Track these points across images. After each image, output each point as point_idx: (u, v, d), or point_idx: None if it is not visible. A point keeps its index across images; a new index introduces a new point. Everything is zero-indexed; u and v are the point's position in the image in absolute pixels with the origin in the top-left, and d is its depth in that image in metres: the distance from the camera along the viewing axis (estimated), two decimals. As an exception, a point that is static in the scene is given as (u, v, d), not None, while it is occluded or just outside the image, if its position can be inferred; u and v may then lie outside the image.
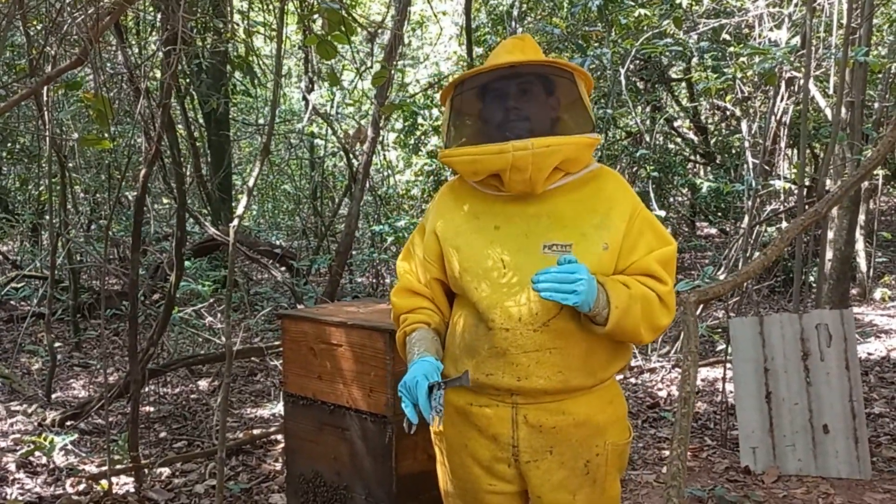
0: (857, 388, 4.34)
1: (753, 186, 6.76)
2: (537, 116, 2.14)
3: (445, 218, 2.24)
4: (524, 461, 2.16)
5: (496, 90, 2.15)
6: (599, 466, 2.19)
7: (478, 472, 2.21)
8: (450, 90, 2.22)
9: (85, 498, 4.13)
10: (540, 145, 2.04)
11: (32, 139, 8.87)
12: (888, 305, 8.62)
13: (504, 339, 2.08)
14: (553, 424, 2.13)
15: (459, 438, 2.23)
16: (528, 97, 2.14)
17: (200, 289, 6.63)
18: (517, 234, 2.13)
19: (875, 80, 9.61)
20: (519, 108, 2.13)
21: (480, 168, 2.11)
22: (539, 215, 2.14)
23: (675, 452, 2.89)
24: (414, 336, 2.20)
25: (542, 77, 2.16)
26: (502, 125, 2.12)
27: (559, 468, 2.15)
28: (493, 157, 2.06)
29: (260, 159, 3.67)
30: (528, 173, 2.06)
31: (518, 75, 2.14)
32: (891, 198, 15.16)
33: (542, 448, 2.14)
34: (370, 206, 9.60)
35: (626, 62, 7.30)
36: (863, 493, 4.08)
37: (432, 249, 2.25)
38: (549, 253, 2.09)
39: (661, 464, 4.57)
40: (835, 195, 3.17)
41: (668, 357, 6.70)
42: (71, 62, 3.26)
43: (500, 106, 2.14)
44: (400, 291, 2.30)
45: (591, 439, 2.17)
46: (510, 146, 2.03)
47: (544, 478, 2.16)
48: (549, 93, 2.17)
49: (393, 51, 6.12)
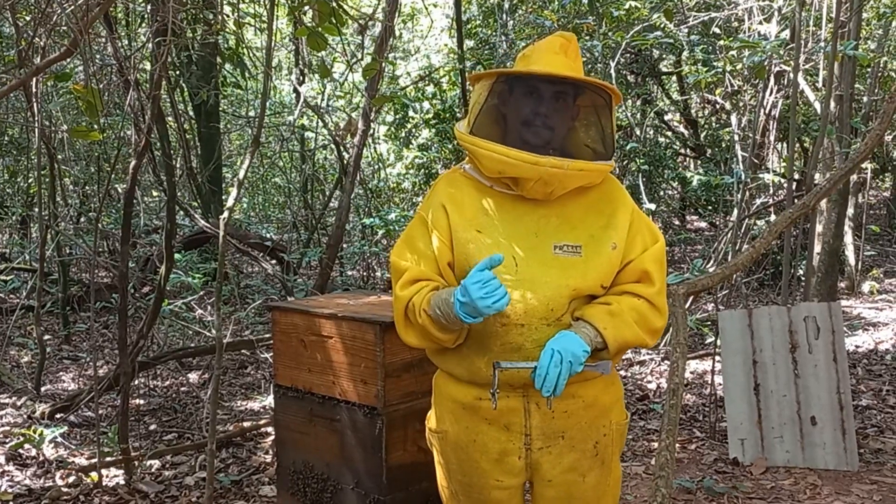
0: (845, 381, 4.37)
1: (743, 179, 6.78)
2: (560, 129, 2.13)
3: (453, 210, 2.17)
4: (536, 448, 2.17)
5: (530, 90, 2.11)
6: (607, 446, 2.24)
7: (486, 468, 2.20)
8: (491, 76, 2.17)
9: (75, 490, 4.13)
10: (574, 168, 2.04)
11: (21, 131, 8.83)
12: (876, 298, 8.67)
13: (520, 335, 2.08)
14: (565, 409, 2.16)
15: (467, 435, 2.21)
16: (558, 107, 2.11)
17: (191, 281, 6.61)
18: (527, 233, 2.13)
19: (864, 75, 9.65)
20: (547, 117, 2.10)
21: (508, 171, 2.07)
22: (549, 216, 2.14)
23: (664, 443, 2.91)
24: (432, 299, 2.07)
25: (580, 90, 2.14)
26: (524, 127, 2.10)
27: (570, 451, 2.18)
28: (527, 166, 2.02)
29: (250, 151, 3.67)
30: (552, 188, 2.07)
31: (566, 87, 2.11)
32: (879, 192, 15.23)
33: (555, 434, 2.17)
34: (361, 199, 9.59)
35: (617, 55, 7.31)
36: (850, 484, 4.11)
37: (444, 229, 2.15)
38: (560, 253, 2.10)
39: (650, 455, 4.59)
40: (823, 188, 3.19)
41: (658, 350, 6.72)
42: (60, 53, 3.24)
43: (529, 108, 2.10)
44: (406, 284, 2.14)
45: (599, 419, 2.22)
46: (546, 161, 2.02)
47: (555, 462, 2.18)
48: (592, 113, 2.16)
49: (384, 43, 6.11)
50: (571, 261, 2.10)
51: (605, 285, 2.15)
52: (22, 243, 10.62)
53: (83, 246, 7.66)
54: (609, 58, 7.33)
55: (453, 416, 2.23)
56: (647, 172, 9.93)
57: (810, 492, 4.04)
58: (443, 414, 2.27)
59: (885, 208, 13.37)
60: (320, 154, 11.49)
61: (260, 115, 3.73)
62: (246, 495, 4.12)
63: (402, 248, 2.21)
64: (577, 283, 2.09)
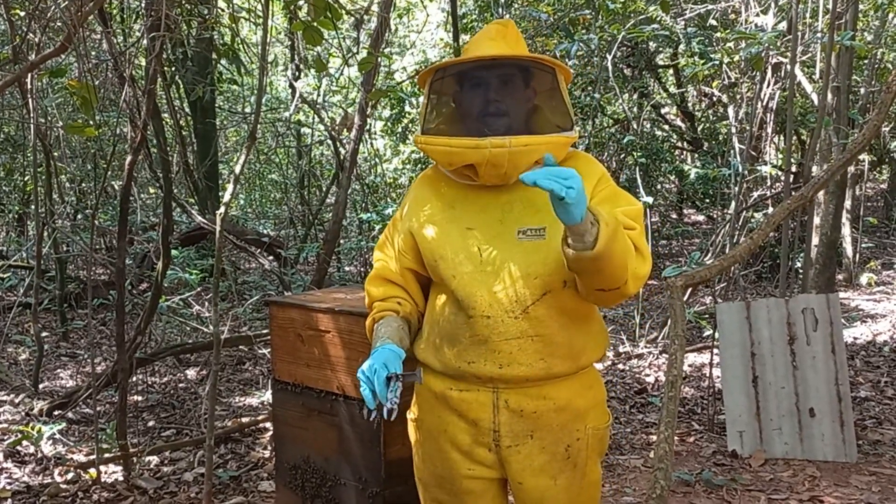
0: (843, 372, 4.37)
1: (740, 172, 6.78)
2: (516, 112, 2.12)
3: (420, 207, 2.24)
4: (505, 446, 2.16)
5: (476, 81, 2.13)
6: (580, 451, 2.19)
7: (456, 457, 2.20)
8: (429, 74, 2.20)
9: (73, 487, 4.13)
10: (517, 144, 2.03)
11: (18, 128, 8.81)
12: (874, 290, 8.68)
13: (486, 327, 2.08)
14: (534, 409, 2.13)
15: (438, 424, 2.22)
16: (508, 90, 2.12)
17: (188, 277, 6.61)
18: (492, 222, 2.13)
19: (861, 66, 9.64)
20: (499, 102, 2.10)
21: (456, 160, 2.09)
22: (512, 202, 2.14)
23: (663, 435, 2.91)
24: (381, 323, 2.22)
25: (524, 70, 2.14)
26: (480, 119, 2.10)
27: (540, 453, 2.16)
28: (470, 150, 2.04)
29: (246, 146, 3.66)
30: (503, 169, 2.06)
31: (499, 66, 2.12)
32: (876, 184, 15.24)
33: (523, 433, 2.14)
34: (358, 195, 9.58)
35: (614, 48, 7.29)
36: (848, 475, 4.11)
37: (406, 239, 2.25)
38: (523, 238, 2.09)
39: (648, 448, 4.60)
40: (821, 179, 3.18)
41: (656, 343, 6.73)
42: (55, 49, 3.23)
43: (480, 98, 2.12)
44: (374, 279, 2.32)
45: (572, 424, 2.17)
46: (487, 142, 2.02)
47: (525, 463, 2.16)
48: (530, 87, 2.16)
49: (380, 37, 6.08)
50: (535, 244, 2.08)
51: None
52: (19, 240, 10.61)
53: (80, 243, 7.65)
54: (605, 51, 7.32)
55: (427, 404, 2.25)
56: (644, 166, 9.92)
57: (809, 483, 4.04)
58: (420, 402, 2.29)
59: (883, 200, 13.39)
60: (316, 150, 11.47)
61: (256, 110, 3.71)
62: (244, 490, 4.11)
63: (383, 242, 2.37)
64: (538, 270, 2.06)
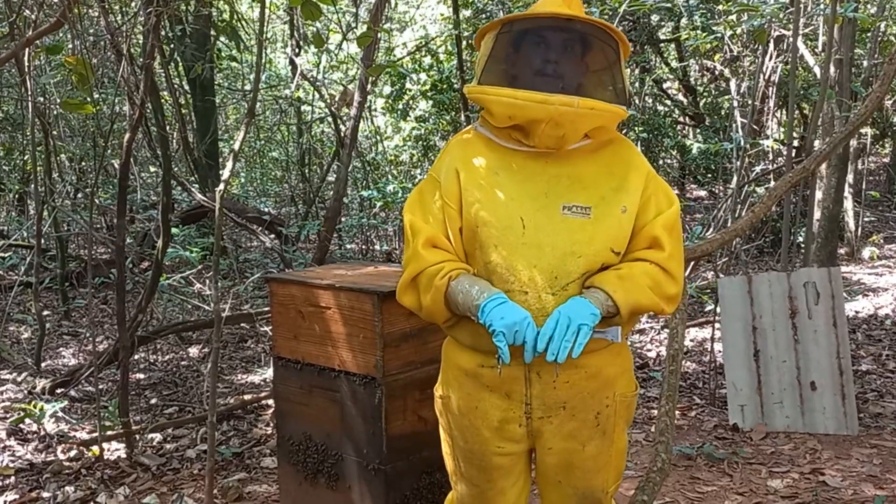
0: (845, 346, 4.36)
1: (742, 146, 6.75)
2: (585, 76, 2.10)
3: (465, 169, 2.14)
4: (536, 417, 2.15)
5: (549, 39, 2.08)
6: (609, 417, 2.20)
7: (486, 435, 2.20)
8: (496, 26, 2.13)
9: (76, 464, 4.14)
10: (585, 106, 1.99)
11: (16, 107, 8.77)
12: (876, 264, 8.66)
13: (523, 303, 2.04)
14: (566, 379, 2.12)
15: (469, 401, 2.20)
16: (577, 54, 2.09)
17: (189, 255, 6.60)
18: (537, 194, 2.09)
19: (864, 39, 9.57)
20: (570, 63, 2.07)
21: (518, 113, 2.03)
22: (559, 175, 2.10)
23: (664, 409, 2.91)
24: (464, 278, 2.08)
25: (595, 38, 2.10)
26: (549, 75, 2.06)
27: (570, 420, 2.16)
28: (536, 105, 1.98)
29: (245, 122, 3.64)
30: (563, 130, 2.03)
31: (572, 30, 2.08)
32: (879, 157, 15.18)
33: (556, 404, 2.14)
34: (359, 172, 9.54)
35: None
36: (850, 448, 4.12)
37: (454, 195, 2.14)
38: (568, 214, 2.06)
39: (650, 423, 4.60)
40: (823, 152, 3.16)
41: (658, 318, 6.72)
42: (51, 24, 3.21)
43: (550, 56, 2.07)
44: (427, 244, 2.12)
45: (602, 391, 2.18)
46: (556, 99, 1.97)
47: (556, 430, 2.17)
48: (598, 56, 2.12)
49: (379, 12, 6.04)
50: (579, 222, 2.06)
51: (617, 250, 2.09)
52: (19, 220, 10.61)
53: (80, 222, 7.64)
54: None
55: (457, 382, 2.22)
56: (645, 141, 9.89)
57: (810, 456, 4.05)
58: (448, 380, 2.26)
59: (885, 174, 13.34)
60: (317, 127, 11.42)
61: (254, 86, 3.69)
62: (247, 467, 4.13)
63: (416, 207, 2.19)
64: (582, 249, 2.05)
